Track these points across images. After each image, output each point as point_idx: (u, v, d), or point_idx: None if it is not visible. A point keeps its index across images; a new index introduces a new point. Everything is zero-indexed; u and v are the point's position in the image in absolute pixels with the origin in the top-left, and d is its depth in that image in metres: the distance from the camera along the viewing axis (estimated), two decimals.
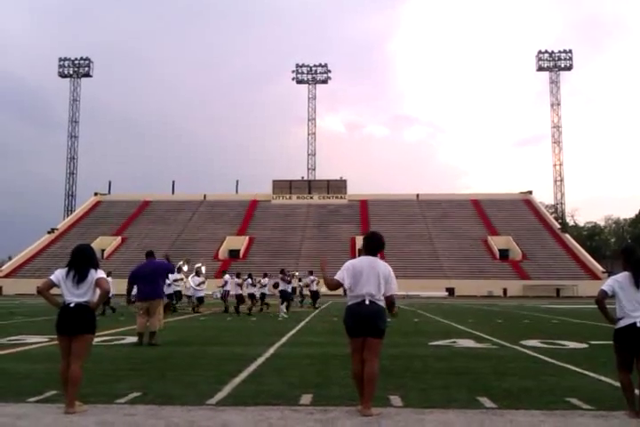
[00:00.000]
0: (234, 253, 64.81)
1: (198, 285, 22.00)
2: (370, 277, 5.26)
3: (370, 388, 5.10)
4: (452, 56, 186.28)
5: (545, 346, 10.75)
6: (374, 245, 5.53)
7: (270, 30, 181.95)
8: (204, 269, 23.23)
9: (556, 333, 13.91)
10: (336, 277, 5.37)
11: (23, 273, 60.93)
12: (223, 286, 23.44)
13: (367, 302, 5.20)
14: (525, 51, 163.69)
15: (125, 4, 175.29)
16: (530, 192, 78.51)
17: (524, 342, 11.24)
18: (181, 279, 22.47)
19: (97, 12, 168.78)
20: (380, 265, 5.38)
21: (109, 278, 22.14)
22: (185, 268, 23.33)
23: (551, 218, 73.37)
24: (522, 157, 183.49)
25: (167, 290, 23.41)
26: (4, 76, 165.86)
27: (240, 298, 22.49)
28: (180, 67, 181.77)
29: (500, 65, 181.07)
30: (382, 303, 5.27)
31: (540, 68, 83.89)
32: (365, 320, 5.17)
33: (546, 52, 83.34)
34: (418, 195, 78.16)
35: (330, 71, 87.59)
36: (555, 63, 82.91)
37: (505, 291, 54.92)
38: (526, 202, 75.98)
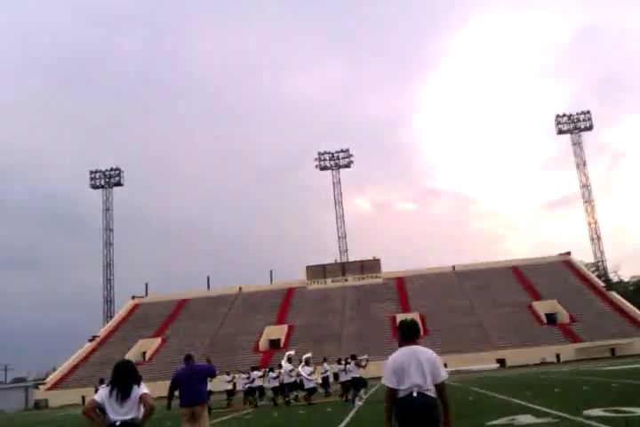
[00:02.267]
0: (274, 344, 63.90)
1: (309, 374, 21.92)
2: (412, 367, 5.09)
3: None
4: (474, 128, 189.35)
5: (610, 415, 10.21)
6: (410, 332, 5.42)
7: (290, 121, 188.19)
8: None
9: (619, 398, 13.24)
10: (385, 383, 5.18)
11: (68, 383, 60.49)
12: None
13: (415, 395, 4.99)
14: (543, 116, 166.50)
15: (144, 112, 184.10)
16: (568, 253, 77.14)
17: (587, 413, 10.70)
18: (294, 370, 22.62)
19: (119, 123, 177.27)
20: (423, 352, 5.23)
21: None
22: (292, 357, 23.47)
23: (594, 277, 71.60)
24: (555, 218, 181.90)
25: (273, 383, 23.31)
26: (41, 192, 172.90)
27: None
28: (206, 165, 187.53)
29: (520, 132, 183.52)
30: (432, 393, 5.05)
31: (561, 132, 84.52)
32: (417, 414, 4.96)
33: (564, 115, 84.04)
34: (454, 266, 77.28)
35: (352, 155, 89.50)
36: (574, 125, 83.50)
37: (558, 356, 52.77)
38: (566, 263, 74.51)
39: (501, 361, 52.46)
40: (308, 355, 23.08)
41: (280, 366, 24.11)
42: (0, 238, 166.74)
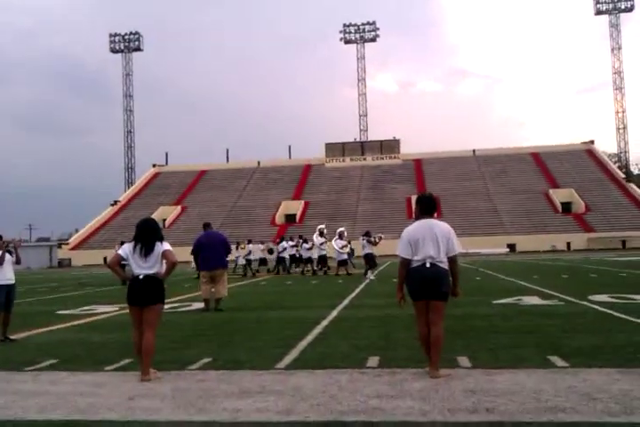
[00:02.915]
0: (290, 218, 65.36)
1: (341, 248, 22.43)
2: (427, 239, 5.17)
3: (436, 350, 5.08)
4: (506, 3, 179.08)
5: (614, 301, 10.46)
6: (427, 207, 5.43)
7: None
8: (345, 233, 23.54)
9: (625, 286, 13.52)
10: (400, 254, 5.29)
11: (89, 245, 63.15)
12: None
13: (428, 265, 5.13)
14: None
15: None
16: (592, 142, 75.69)
17: (592, 298, 10.97)
18: (325, 242, 23.24)
19: None
20: (438, 226, 5.27)
21: (260, 246, 24.24)
22: (325, 231, 24.09)
23: (615, 168, 70.78)
24: (583, 105, 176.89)
25: (306, 254, 24.25)
26: (61, 54, 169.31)
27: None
28: (228, 33, 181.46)
29: (556, 10, 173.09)
30: (444, 265, 5.18)
31: (599, 12, 79.81)
32: (427, 283, 5.12)
33: None
34: (474, 150, 76.52)
35: (378, 29, 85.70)
36: (614, 5, 78.74)
37: (568, 245, 53.71)
38: (588, 152, 73.41)
39: (512, 246, 53.50)
40: (342, 229, 23.41)
41: (299, 240, 25.15)
42: (23, 101, 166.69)
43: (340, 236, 22.76)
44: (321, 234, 23.52)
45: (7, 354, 7.04)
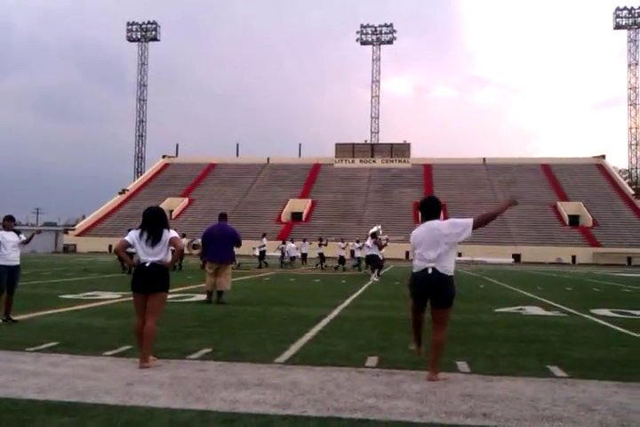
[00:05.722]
0: (297, 216, 65.35)
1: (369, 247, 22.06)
2: (428, 243, 5.14)
3: (436, 354, 5.08)
4: (527, 14, 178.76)
5: (616, 315, 10.43)
6: (429, 210, 5.36)
7: None
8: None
9: (628, 302, 13.47)
10: (412, 258, 5.48)
11: (95, 232, 63.31)
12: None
13: (430, 272, 5.08)
14: (603, 8, 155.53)
15: None
16: (603, 156, 75.32)
17: (594, 311, 10.94)
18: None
19: None
20: (438, 229, 5.14)
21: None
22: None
23: (625, 183, 70.42)
24: (597, 120, 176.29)
25: (356, 254, 24.84)
26: (79, 39, 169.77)
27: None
28: (244, 27, 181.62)
29: (576, 23, 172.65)
30: (446, 271, 5.08)
31: (618, 26, 79.30)
32: (429, 291, 5.11)
33: (625, 8, 78.58)
34: (484, 159, 76.28)
35: (395, 31, 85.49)
36: (634, 20, 78.19)
37: (574, 258, 53.50)
38: (599, 167, 73.09)
39: (517, 256, 53.31)
40: (376, 229, 22.49)
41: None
42: (38, 85, 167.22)
43: (373, 236, 21.53)
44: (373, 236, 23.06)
45: (9, 335, 7.09)
